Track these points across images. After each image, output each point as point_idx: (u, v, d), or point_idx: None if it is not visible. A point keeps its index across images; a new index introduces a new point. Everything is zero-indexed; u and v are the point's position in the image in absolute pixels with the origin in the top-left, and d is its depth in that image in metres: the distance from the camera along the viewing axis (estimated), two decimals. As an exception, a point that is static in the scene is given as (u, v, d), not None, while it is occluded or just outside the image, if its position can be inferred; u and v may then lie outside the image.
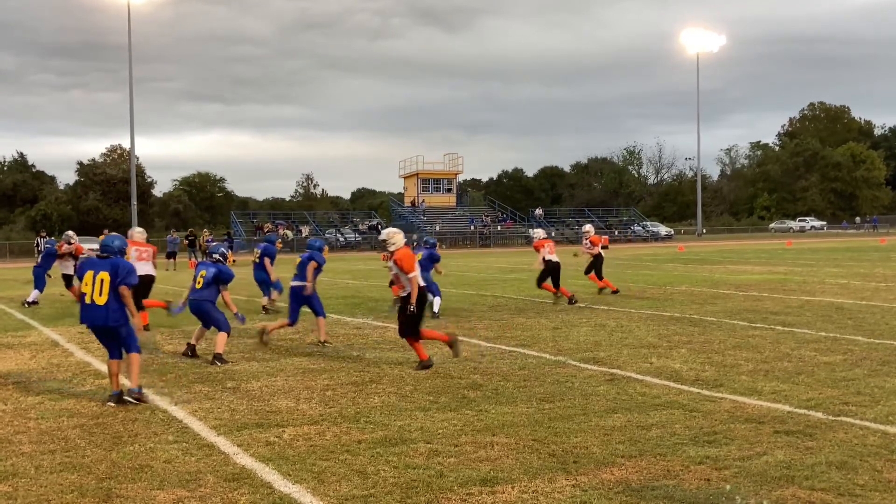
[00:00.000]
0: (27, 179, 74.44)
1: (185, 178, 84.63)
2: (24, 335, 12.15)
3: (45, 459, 5.56)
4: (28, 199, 71.77)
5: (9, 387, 8.13)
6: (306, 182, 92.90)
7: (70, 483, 5.04)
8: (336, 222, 68.88)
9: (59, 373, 8.87)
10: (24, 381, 8.38)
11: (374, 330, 12.00)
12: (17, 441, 6.05)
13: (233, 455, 5.59)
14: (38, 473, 5.25)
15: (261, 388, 7.82)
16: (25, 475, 5.22)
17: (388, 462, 5.37)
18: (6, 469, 5.35)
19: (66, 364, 9.44)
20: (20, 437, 6.18)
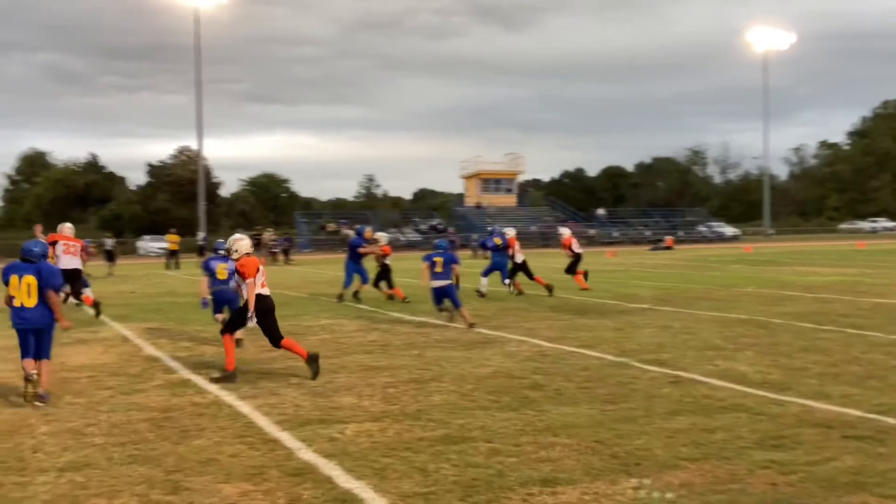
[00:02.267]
0: (99, 180, 76.58)
1: (252, 178, 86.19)
2: (97, 331, 12.51)
3: (116, 451, 5.72)
4: (100, 199, 73.88)
5: (82, 380, 8.39)
6: (368, 182, 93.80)
7: (139, 475, 5.18)
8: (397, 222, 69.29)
9: (129, 368, 9.11)
10: (96, 376, 8.63)
11: (435, 328, 12.04)
12: (89, 433, 6.24)
13: (296, 450, 5.67)
14: (109, 465, 5.41)
15: (324, 385, 7.92)
16: (98, 466, 5.38)
17: (448, 460, 5.39)
18: (80, 460, 5.52)
19: (135, 359, 9.70)
20: (92, 429, 6.37)
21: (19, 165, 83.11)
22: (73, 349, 10.51)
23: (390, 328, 12.16)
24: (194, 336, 11.65)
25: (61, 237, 14.48)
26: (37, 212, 73.96)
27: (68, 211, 72.96)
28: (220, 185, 78.56)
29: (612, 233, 66.60)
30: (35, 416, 6.78)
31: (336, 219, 66.05)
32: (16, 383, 8.26)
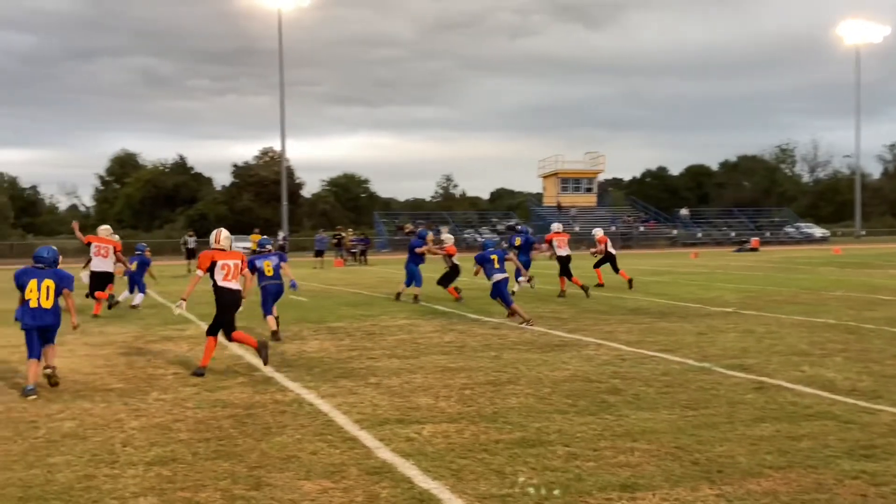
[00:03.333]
0: (187, 181, 78.80)
1: (332, 179, 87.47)
2: (183, 329, 12.89)
3: (200, 447, 5.89)
4: (187, 199, 76.03)
5: (169, 377, 8.66)
6: (446, 183, 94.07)
7: (223, 470, 5.32)
8: (474, 222, 69.38)
9: (213, 365, 9.35)
10: (182, 373, 8.90)
11: (511, 330, 12.02)
12: (176, 428, 6.44)
13: (375, 449, 5.74)
14: (194, 459, 5.57)
15: (401, 385, 7.99)
16: (184, 461, 5.55)
17: (525, 463, 5.38)
18: (167, 454, 5.70)
19: (219, 357, 9.94)
20: (179, 424, 6.57)
21: (111, 166, 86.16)
22: (160, 347, 10.86)
23: (467, 329, 12.19)
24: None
25: (95, 239, 14.97)
26: (127, 211, 76.74)
27: (157, 211, 75.50)
28: (302, 186, 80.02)
29: (696, 233, 65.30)
30: (125, 412, 7.03)
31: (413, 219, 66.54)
32: (105, 381, 8.59)
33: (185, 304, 9.08)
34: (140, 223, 74.46)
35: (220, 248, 9.27)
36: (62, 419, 6.76)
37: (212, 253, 9.18)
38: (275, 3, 55.87)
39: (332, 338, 11.45)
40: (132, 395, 7.74)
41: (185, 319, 14.05)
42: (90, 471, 5.31)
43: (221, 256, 9.16)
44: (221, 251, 9.24)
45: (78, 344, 11.10)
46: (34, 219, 77.68)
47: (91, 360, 9.74)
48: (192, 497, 4.80)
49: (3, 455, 5.71)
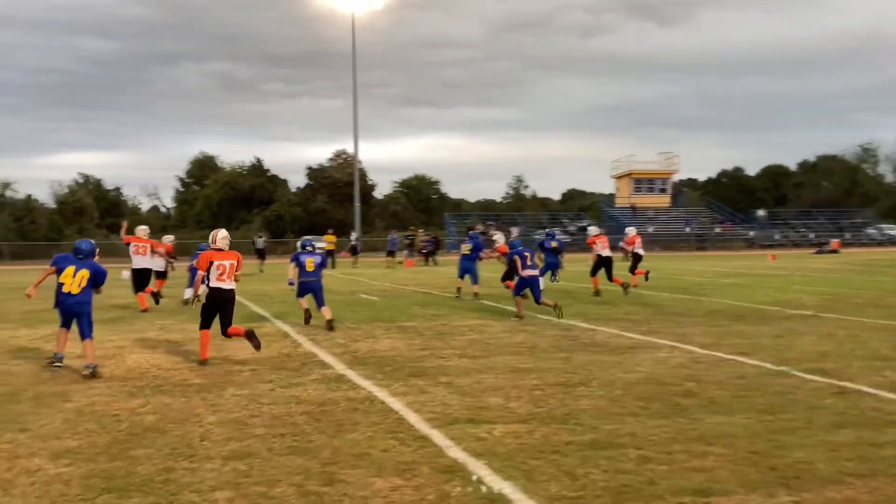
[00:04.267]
0: (263, 183, 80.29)
1: (404, 180, 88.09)
2: (259, 326, 13.14)
3: (275, 442, 6.00)
4: (264, 200, 77.49)
5: (245, 373, 8.85)
6: (516, 183, 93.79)
7: (297, 466, 5.41)
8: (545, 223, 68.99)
9: (288, 362, 9.53)
10: (258, 369, 9.09)
11: (583, 332, 11.92)
12: (252, 424, 6.58)
13: (445, 448, 5.76)
14: (269, 455, 5.69)
15: (472, 385, 8.01)
16: (259, 456, 5.67)
17: (597, 465, 5.33)
18: (243, 449, 5.83)
19: (294, 354, 10.13)
20: (255, 420, 6.71)
21: (190, 168, 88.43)
22: (237, 344, 11.09)
23: (538, 330, 12.14)
24: (348, 333, 12.04)
25: (135, 238, 15.90)
26: (206, 213, 78.63)
27: (234, 212, 77.16)
28: (374, 187, 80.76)
29: (773, 235, 63.71)
30: (203, 407, 7.21)
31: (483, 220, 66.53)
32: (184, 376, 8.83)
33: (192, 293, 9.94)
34: (218, 224, 75.82)
35: (218, 248, 9.81)
36: (144, 413, 6.97)
37: (210, 253, 9.74)
38: (348, 6, 56.56)
39: (403, 337, 11.54)
40: (210, 390, 7.94)
41: (260, 317, 14.35)
42: (170, 464, 5.47)
43: (218, 257, 9.69)
44: (219, 251, 9.78)
45: (159, 340, 11.44)
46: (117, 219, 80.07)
47: (171, 357, 10.02)
48: (267, 491, 4.90)
49: (88, 447, 5.92)
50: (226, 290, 9.69)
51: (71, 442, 6.05)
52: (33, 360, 9.84)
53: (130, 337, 11.92)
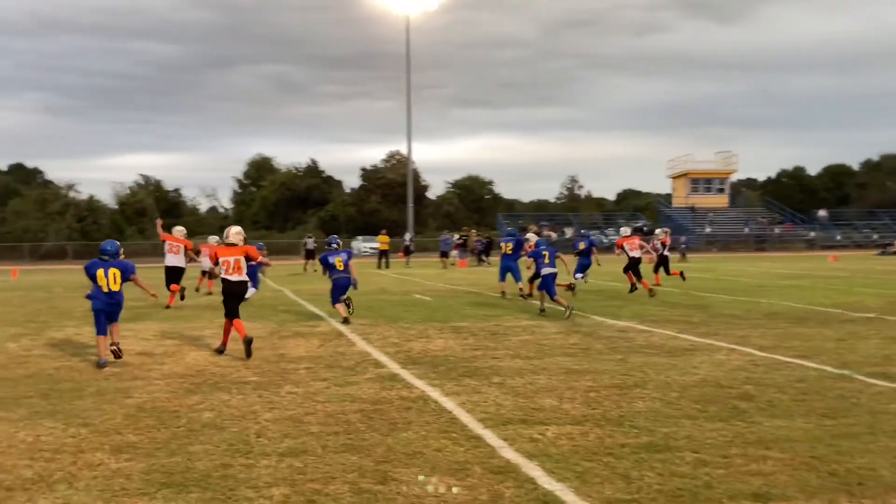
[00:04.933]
0: (318, 184, 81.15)
1: (457, 180, 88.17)
2: (315, 325, 13.30)
3: (330, 440, 6.06)
4: (319, 201, 78.33)
5: (301, 371, 8.96)
6: (571, 183, 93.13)
7: (351, 463, 5.45)
8: (599, 224, 68.45)
9: (343, 361, 9.62)
10: (313, 367, 9.18)
11: (638, 333, 11.79)
12: (307, 421, 6.65)
13: (498, 448, 5.75)
14: (324, 452, 5.74)
15: (525, 386, 7.98)
16: (314, 453, 5.72)
17: (652, 468, 5.27)
18: (298, 446, 5.90)
19: (349, 353, 10.21)
20: (310, 417, 6.78)
21: (247, 170, 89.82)
22: (293, 342, 11.24)
23: (592, 331, 12.04)
24: (402, 333, 12.10)
25: (170, 237, 16.76)
26: (262, 213, 79.81)
27: (290, 212, 78.16)
28: (428, 188, 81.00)
29: (835, 236, 62.20)
30: (259, 404, 7.32)
31: (537, 220, 66.21)
32: (241, 373, 8.97)
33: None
34: (274, 224, 77.31)
35: (230, 243, 10.45)
36: (202, 410, 7.10)
37: (216, 249, 10.66)
38: (402, 7, 56.85)
39: (456, 337, 11.55)
40: (266, 387, 8.05)
41: (316, 316, 14.51)
42: (227, 460, 5.56)
43: (223, 253, 10.36)
44: (226, 247, 10.45)
45: (217, 338, 11.63)
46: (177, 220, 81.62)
47: (228, 354, 10.18)
48: (322, 489, 4.95)
49: (148, 442, 6.05)
50: (233, 282, 10.29)
51: (132, 437, 6.19)
52: (95, 356, 10.08)
53: (189, 335, 12.16)
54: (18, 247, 58.63)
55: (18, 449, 5.88)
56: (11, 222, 65.08)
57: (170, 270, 16.62)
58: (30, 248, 57.69)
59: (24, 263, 48.02)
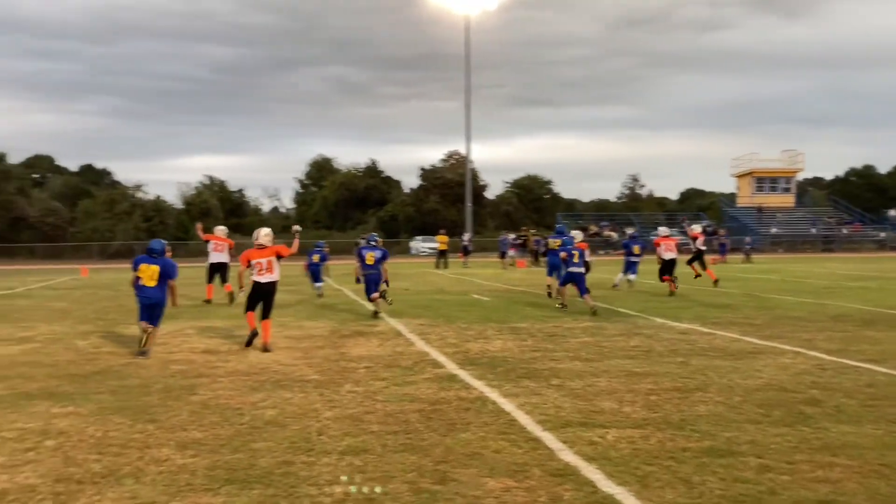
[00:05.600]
0: (377, 184, 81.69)
1: (515, 180, 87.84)
2: (374, 325, 13.41)
3: (389, 439, 6.10)
4: (378, 201, 78.88)
5: (360, 371, 9.04)
6: (632, 183, 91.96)
7: (410, 463, 5.49)
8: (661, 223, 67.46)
9: (401, 360, 9.68)
10: (372, 367, 9.26)
11: (701, 336, 11.60)
12: (366, 420, 6.71)
13: (557, 451, 5.73)
14: (383, 451, 5.79)
15: (584, 388, 7.92)
16: (373, 452, 5.77)
17: (714, 473, 5.19)
18: (358, 445, 5.96)
19: (407, 353, 10.27)
20: (369, 416, 6.84)
21: (309, 170, 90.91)
22: (352, 341, 11.35)
23: (654, 333, 11.90)
24: (461, 333, 12.12)
25: (213, 237, 18.20)
26: (323, 213, 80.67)
27: (350, 212, 78.87)
28: (486, 188, 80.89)
29: (906, 236, 60.24)
30: (320, 402, 7.41)
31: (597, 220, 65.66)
32: (303, 372, 9.09)
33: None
34: (335, 224, 78.09)
35: (260, 244, 10.97)
36: (264, 407, 7.22)
37: (248, 252, 11.01)
38: (462, 8, 56.88)
39: (514, 338, 11.52)
40: (327, 386, 8.15)
41: (378, 317, 14.62)
42: (289, 457, 5.64)
43: (255, 255, 10.91)
44: (257, 250, 10.95)
45: (279, 337, 11.81)
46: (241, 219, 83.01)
47: (291, 353, 10.34)
48: (382, 487, 4.99)
49: (212, 439, 6.18)
50: (264, 283, 10.92)
51: (196, 433, 6.33)
52: (162, 354, 10.34)
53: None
54: (88, 246, 60.39)
55: (88, 443, 6.06)
56: (81, 222, 67.07)
57: (213, 266, 18.02)
58: (99, 247, 59.30)
59: (94, 262, 49.40)
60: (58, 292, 23.00)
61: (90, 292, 22.52)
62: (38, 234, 65.18)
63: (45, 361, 9.90)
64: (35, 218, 66.70)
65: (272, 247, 11.05)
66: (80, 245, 61.01)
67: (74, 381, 8.61)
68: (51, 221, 67.09)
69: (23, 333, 12.74)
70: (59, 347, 11.11)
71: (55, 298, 20.51)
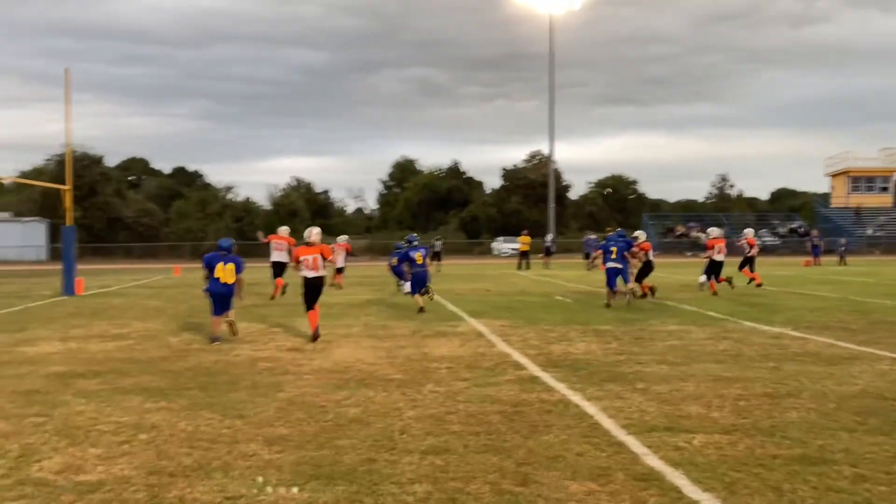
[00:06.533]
0: (459, 185, 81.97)
1: (599, 180, 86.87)
2: (455, 325, 13.45)
3: (471, 440, 6.11)
4: (460, 202, 79.12)
5: (442, 371, 9.08)
6: (720, 182, 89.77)
7: (492, 464, 5.48)
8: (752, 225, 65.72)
9: (483, 361, 9.67)
10: (454, 367, 9.28)
11: (793, 340, 11.25)
12: (448, 420, 6.73)
13: (642, 455, 5.63)
14: (465, 452, 5.79)
15: (670, 392, 7.77)
16: (455, 452, 5.79)
17: (806, 482, 5.02)
18: (440, 445, 5.98)
19: (489, 354, 10.26)
20: (451, 417, 6.86)
21: (392, 172, 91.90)
22: (434, 341, 11.41)
23: (744, 337, 11.59)
24: (543, 335, 12.04)
25: (275, 237, 19.38)
26: (406, 213, 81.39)
27: (432, 213, 79.35)
28: (570, 188, 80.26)
29: None
30: (403, 401, 7.47)
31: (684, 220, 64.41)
32: (385, 371, 9.17)
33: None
34: (417, 225, 78.66)
35: (311, 242, 11.91)
36: (348, 405, 7.32)
37: (299, 249, 12.06)
38: (546, 7, 56.59)
39: (598, 340, 11.39)
40: (409, 385, 8.21)
41: (456, 316, 14.67)
42: (372, 455, 5.71)
43: (305, 252, 11.89)
44: (307, 247, 11.90)
45: (363, 336, 11.97)
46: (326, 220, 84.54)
47: (374, 352, 10.46)
48: (464, 487, 4.99)
49: (298, 435, 6.29)
50: (312, 278, 11.87)
51: (283, 430, 6.46)
52: (249, 351, 10.60)
53: (337, 332, 12.56)
54: (180, 246, 62.42)
55: (179, 438, 6.25)
56: (174, 223, 69.40)
57: (275, 265, 19.25)
58: (191, 247, 61.19)
59: (186, 262, 50.97)
60: (151, 291, 23.84)
61: (182, 291, 23.25)
62: (134, 235, 67.71)
63: (139, 358, 10.27)
64: (131, 219, 69.30)
65: (319, 245, 12.01)
66: (174, 245, 63.12)
67: (166, 376, 8.90)
68: (145, 222, 69.59)
69: (118, 330, 13.25)
70: (152, 344, 11.51)
71: (149, 297, 21.26)
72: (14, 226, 62.00)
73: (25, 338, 12.34)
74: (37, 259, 59.60)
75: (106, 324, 14.26)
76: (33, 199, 67.74)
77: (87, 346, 11.30)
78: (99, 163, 70.33)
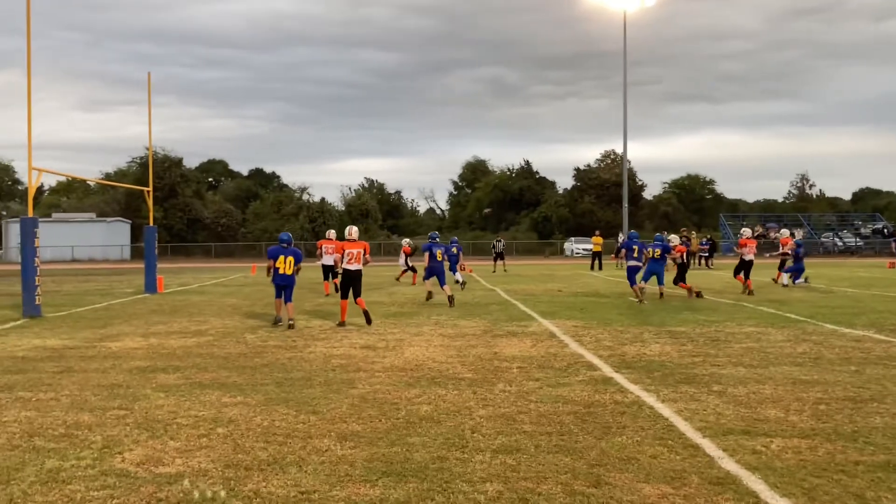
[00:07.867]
0: (531, 185, 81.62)
1: (674, 179, 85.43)
2: (526, 325, 13.40)
3: (542, 440, 6.08)
4: (531, 202, 78.78)
5: (513, 370, 9.06)
6: (801, 182, 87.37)
7: (564, 465, 5.44)
8: (834, 225, 63.83)
9: (555, 361, 9.62)
10: (525, 367, 9.26)
11: (876, 344, 10.87)
12: (520, 420, 6.72)
13: (717, 459, 5.52)
14: (536, 452, 5.77)
15: (747, 395, 7.60)
16: (526, 452, 5.77)
17: (890, 489, 4.85)
18: (511, 444, 5.97)
19: (561, 354, 10.20)
20: (522, 416, 6.84)
21: (463, 172, 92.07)
22: (505, 341, 11.39)
23: (823, 340, 11.25)
24: (616, 336, 11.91)
25: (324, 241, 20.70)
26: (477, 214, 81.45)
27: (503, 213, 79.21)
28: (644, 188, 79.16)
29: None
30: (474, 400, 7.48)
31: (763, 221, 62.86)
32: (456, 370, 9.20)
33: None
34: (488, 225, 78.68)
35: (351, 239, 13.61)
36: (420, 403, 7.36)
37: (343, 243, 13.72)
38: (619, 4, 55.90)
39: (673, 342, 11.21)
40: (480, 384, 8.21)
41: (528, 316, 14.62)
42: (443, 453, 5.73)
43: (348, 246, 13.48)
44: (350, 242, 13.55)
45: (434, 335, 12.03)
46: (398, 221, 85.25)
47: (445, 351, 10.50)
48: (535, 488, 4.98)
49: (370, 432, 6.36)
50: (352, 270, 13.43)
51: (355, 426, 6.54)
52: (323, 349, 10.76)
53: (409, 331, 12.66)
54: (257, 245, 63.74)
55: (255, 432, 6.39)
56: (251, 223, 70.90)
57: (326, 268, 20.58)
58: (266, 247, 62.47)
59: (263, 261, 51.98)
60: (229, 289, 24.40)
61: (258, 289, 23.73)
62: (212, 235, 69.46)
63: (218, 353, 10.53)
64: (210, 219, 71.08)
65: (361, 242, 13.65)
66: (250, 244, 64.46)
67: (243, 372, 9.10)
68: (224, 222, 71.32)
69: (197, 327, 13.60)
70: (229, 340, 11.78)
71: (226, 294, 21.77)
72: (98, 226, 64.29)
73: (109, 333, 12.79)
74: (120, 258, 61.78)
75: (185, 320, 14.66)
76: (117, 200, 70.16)
77: (167, 342, 11.63)
78: (179, 165, 72.37)
